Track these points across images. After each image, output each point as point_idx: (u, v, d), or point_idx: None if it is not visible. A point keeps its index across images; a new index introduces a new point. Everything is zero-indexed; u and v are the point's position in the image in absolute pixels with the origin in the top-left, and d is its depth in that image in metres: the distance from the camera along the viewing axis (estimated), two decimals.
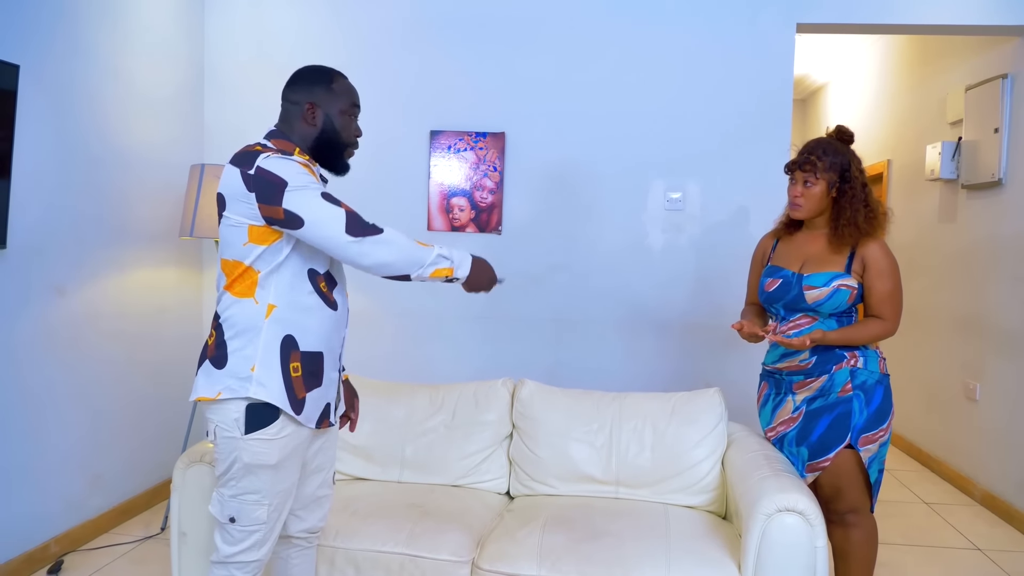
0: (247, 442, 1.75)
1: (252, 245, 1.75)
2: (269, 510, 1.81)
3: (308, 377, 1.81)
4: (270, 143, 1.82)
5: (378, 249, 1.73)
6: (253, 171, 1.71)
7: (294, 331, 1.78)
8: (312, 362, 1.82)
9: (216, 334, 1.81)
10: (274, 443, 1.77)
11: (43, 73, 2.84)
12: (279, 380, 1.76)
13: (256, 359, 1.75)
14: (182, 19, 3.72)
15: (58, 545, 2.99)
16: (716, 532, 2.30)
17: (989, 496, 3.82)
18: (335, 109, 1.86)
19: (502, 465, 2.70)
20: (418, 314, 3.83)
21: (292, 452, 1.82)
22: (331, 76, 1.89)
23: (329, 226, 1.70)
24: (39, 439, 2.91)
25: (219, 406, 1.77)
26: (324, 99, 1.85)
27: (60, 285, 2.98)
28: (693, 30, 3.65)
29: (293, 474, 1.86)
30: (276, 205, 1.70)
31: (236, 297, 1.78)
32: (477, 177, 3.78)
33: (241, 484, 1.78)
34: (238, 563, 1.83)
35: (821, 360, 2.32)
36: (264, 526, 1.82)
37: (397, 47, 3.79)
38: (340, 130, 1.87)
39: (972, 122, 4.06)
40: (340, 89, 1.88)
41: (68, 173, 3.00)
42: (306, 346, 1.80)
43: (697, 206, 3.70)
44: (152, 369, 3.53)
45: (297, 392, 1.79)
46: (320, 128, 1.85)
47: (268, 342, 1.76)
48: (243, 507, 1.79)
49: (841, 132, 2.40)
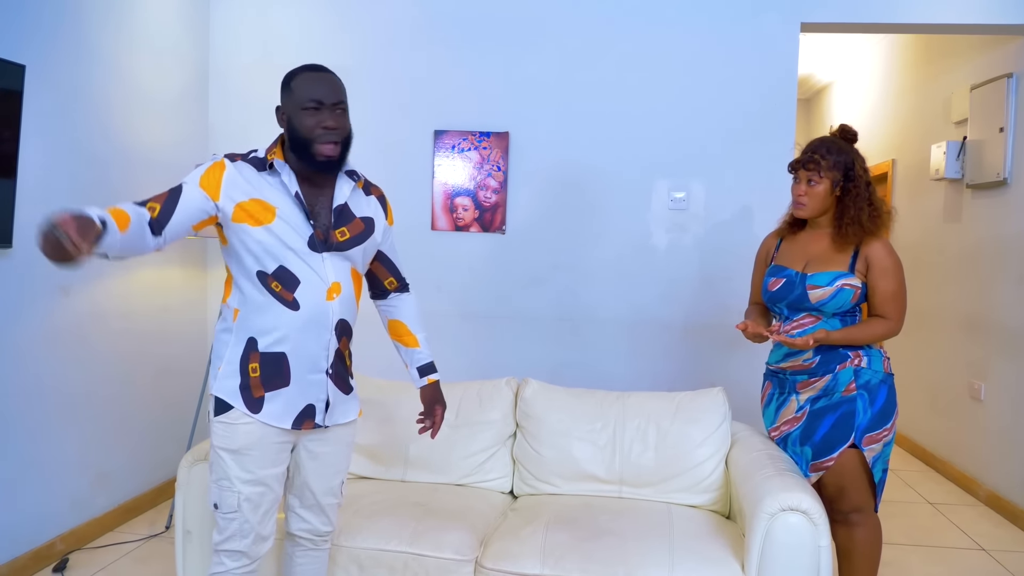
0: (215, 425, 1.88)
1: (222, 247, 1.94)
2: (240, 498, 1.85)
3: (268, 378, 1.85)
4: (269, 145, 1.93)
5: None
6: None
7: (255, 333, 1.86)
8: (273, 363, 1.85)
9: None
10: (234, 428, 1.85)
11: (48, 73, 2.86)
12: (236, 380, 1.86)
13: (223, 360, 1.88)
14: (187, 20, 3.73)
15: (64, 543, 3.01)
16: (719, 531, 2.30)
17: (994, 496, 3.81)
18: (294, 108, 1.84)
19: (506, 464, 2.71)
20: (421, 313, 3.82)
21: (257, 444, 1.85)
22: (292, 75, 1.87)
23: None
24: (45, 438, 2.92)
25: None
26: (286, 101, 1.86)
27: (65, 284, 2.99)
28: (697, 30, 3.65)
29: (262, 467, 1.86)
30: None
31: (223, 302, 1.94)
32: (481, 177, 3.78)
33: (215, 469, 1.88)
34: (227, 551, 1.88)
35: (825, 360, 2.32)
36: (238, 515, 1.85)
37: (401, 47, 3.80)
38: (298, 128, 1.83)
39: (977, 121, 4.06)
40: (297, 87, 1.84)
41: (73, 173, 3.02)
42: (265, 347, 1.85)
43: (701, 206, 3.69)
44: (157, 368, 3.54)
45: (254, 391, 1.85)
46: (288, 130, 1.86)
47: (235, 344, 1.87)
48: (221, 493, 1.87)
49: (845, 131, 2.40)
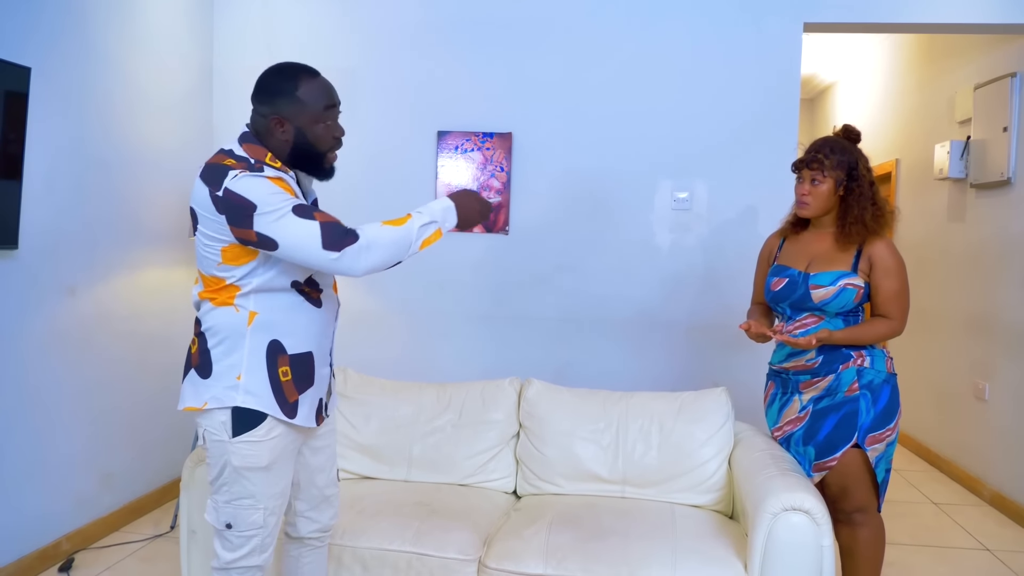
0: (235, 445, 1.71)
1: (226, 266, 1.68)
2: (265, 514, 1.77)
3: (299, 380, 1.76)
4: (242, 148, 1.72)
5: (362, 257, 1.65)
6: (221, 193, 1.61)
7: (279, 335, 1.72)
8: (302, 364, 1.76)
9: (199, 342, 1.75)
10: (263, 444, 1.72)
11: (54, 75, 2.87)
12: (267, 387, 1.71)
13: (242, 367, 1.70)
14: (191, 22, 3.74)
15: (69, 543, 3.02)
16: (722, 531, 2.30)
17: (998, 496, 3.81)
18: (305, 119, 1.71)
19: (509, 464, 2.71)
20: (425, 313, 3.84)
21: (283, 453, 1.77)
22: (296, 82, 1.72)
23: (305, 245, 1.61)
24: (51, 438, 2.94)
25: (206, 413, 1.73)
26: (291, 111, 1.70)
27: (71, 285, 3.01)
28: (700, 30, 3.65)
29: (286, 476, 1.81)
30: (248, 228, 1.61)
31: (215, 305, 1.72)
32: (484, 177, 3.78)
33: (234, 489, 1.74)
34: (239, 568, 1.79)
35: (828, 359, 2.32)
36: (262, 530, 1.78)
37: (405, 48, 3.80)
38: (314, 141, 1.72)
39: (981, 121, 4.05)
40: (308, 95, 1.71)
41: (79, 174, 3.03)
42: (294, 349, 1.75)
43: (704, 206, 3.69)
44: (162, 368, 3.55)
45: (288, 396, 1.73)
46: (292, 143, 1.72)
47: (253, 349, 1.70)
48: (238, 512, 1.75)
49: (848, 131, 2.40)
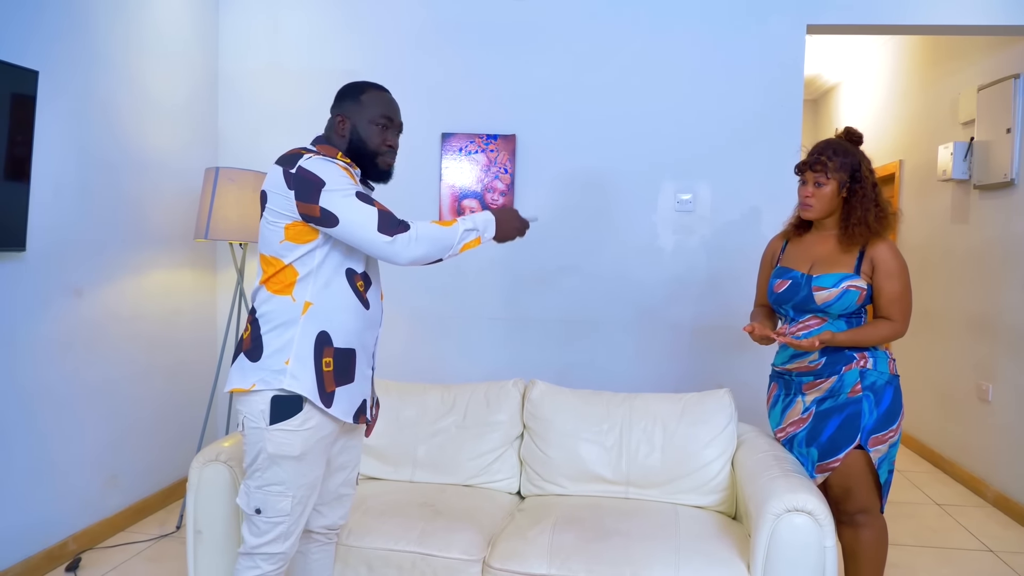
0: (271, 432, 1.82)
1: (288, 243, 1.84)
2: (293, 502, 1.86)
3: (339, 373, 1.87)
4: (314, 148, 1.94)
5: (411, 246, 1.82)
6: (295, 170, 1.81)
7: (328, 327, 1.86)
8: (344, 358, 1.88)
9: (252, 328, 1.89)
10: (297, 434, 1.83)
11: (61, 79, 2.89)
12: (311, 373, 1.83)
13: (291, 353, 1.83)
14: (196, 26, 3.76)
15: (76, 543, 3.04)
16: (726, 532, 2.31)
17: (1002, 497, 3.81)
18: (362, 120, 1.94)
19: (513, 465, 2.72)
20: (429, 315, 3.86)
21: (316, 445, 1.87)
22: (362, 89, 1.98)
23: (363, 225, 1.79)
24: (57, 439, 2.96)
25: (248, 397, 1.84)
26: (352, 111, 1.95)
27: (78, 287, 3.03)
28: (703, 32, 3.66)
29: (317, 468, 1.90)
30: (313, 203, 1.79)
31: (272, 293, 1.86)
32: (488, 179, 3.80)
33: (266, 475, 1.84)
34: (264, 554, 1.88)
35: (831, 361, 2.32)
36: (288, 518, 1.87)
37: (409, 50, 3.82)
38: (365, 139, 1.95)
39: (984, 122, 4.05)
40: (368, 100, 1.96)
41: (85, 177, 3.05)
42: (340, 343, 1.87)
43: (708, 207, 3.70)
44: (168, 370, 3.58)
45: (327, 386, 1.85)
46: (348, 138, 1.95)
47: (303, 337, 1.84)
48: (268, 498, 1.85)
49: (850, 133, 2.41)
